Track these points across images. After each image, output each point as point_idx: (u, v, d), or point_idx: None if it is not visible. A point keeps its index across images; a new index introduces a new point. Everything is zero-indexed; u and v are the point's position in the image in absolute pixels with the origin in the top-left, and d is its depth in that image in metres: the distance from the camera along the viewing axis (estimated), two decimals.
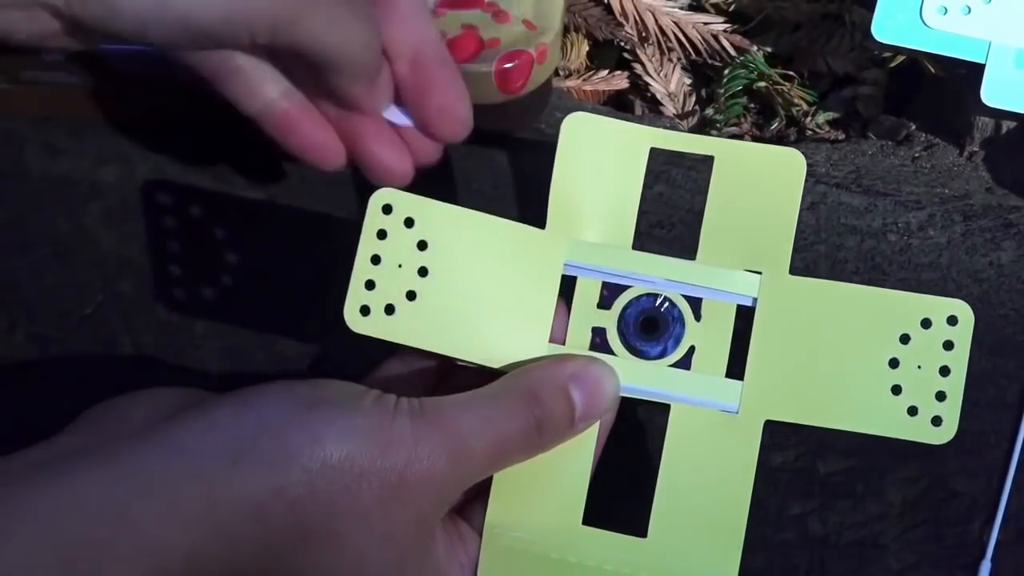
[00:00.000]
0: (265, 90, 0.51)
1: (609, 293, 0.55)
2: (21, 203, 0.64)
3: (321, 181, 0.64)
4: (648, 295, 0.56)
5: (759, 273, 0.55)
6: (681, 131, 0.59)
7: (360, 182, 0.63)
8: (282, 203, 0.64)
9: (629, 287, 0.55)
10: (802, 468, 0.58)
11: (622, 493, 0.56)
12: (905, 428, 0.53)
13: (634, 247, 0.55)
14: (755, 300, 0.55)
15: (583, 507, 0.53)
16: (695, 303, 0.55)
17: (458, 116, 0.52)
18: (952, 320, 0.53)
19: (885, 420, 0.53)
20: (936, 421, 0.53)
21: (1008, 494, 0.58)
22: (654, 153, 0.56)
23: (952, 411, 0.52)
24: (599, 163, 0.55)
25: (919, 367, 0.53)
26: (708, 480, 0.54)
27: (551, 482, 0.53)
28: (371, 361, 0.61)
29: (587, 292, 0.55)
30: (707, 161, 0.64)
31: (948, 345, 0.53)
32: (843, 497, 0.58)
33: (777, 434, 0.59)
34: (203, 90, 0.52)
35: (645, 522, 0.53)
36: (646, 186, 0.56)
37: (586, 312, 0.54)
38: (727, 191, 0.55)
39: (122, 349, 0.62)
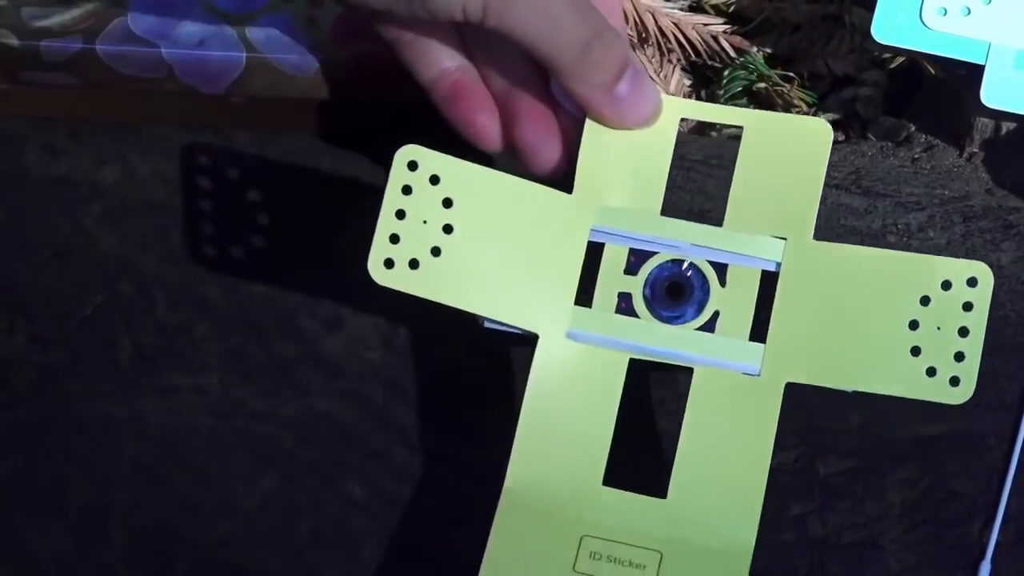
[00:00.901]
0: (441, 60, 0.52)
1: (636, 259, 0.55)
2: (21, 203, 0.64)
3: (324, 182, 0.64)
4: (674, 261, 0.56)
5: (783, 239, 0.55)
6: (710, 104, 0.63)
7: (364, 187, 0.63)
8: (282, 205, 0.64)
9: (656, 253, 0.56)
10: (802, 469, 0.58)
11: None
12: (924, 388, 0.53)
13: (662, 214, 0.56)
14: (779, 265, 0.55)
15: (604, 467, 0.53)
16: (720, 269, 0.55)
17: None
18: (972, 282, 0.53)
19: (904, 381, 0.53)
20: (954, 381, 0.53)
21: (1008, 495, 0.58)
22: None
23: (970, 372, 0.53)
24: (629, 131, 0.56)
25: (938, 328, 0.53)
26: (729, 443, 0.53)
27: (572, 442, 0.53)
28: (371, 362, 0.61)
29: (614, 258, 0.55)
30: (707, 162, 0.65)
31: (968, 307, 0.53)
32: (843, 498, 0.58)
33: (777, 436, 0.58)
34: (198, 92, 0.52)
35: (665, 484, 0.53)
36: None
37: (612, 277, 0.54)
38: (755, 160, 0.56)
39: (122, 349, 0.62)
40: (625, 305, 0.54)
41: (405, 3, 0.48)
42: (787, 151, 0.56)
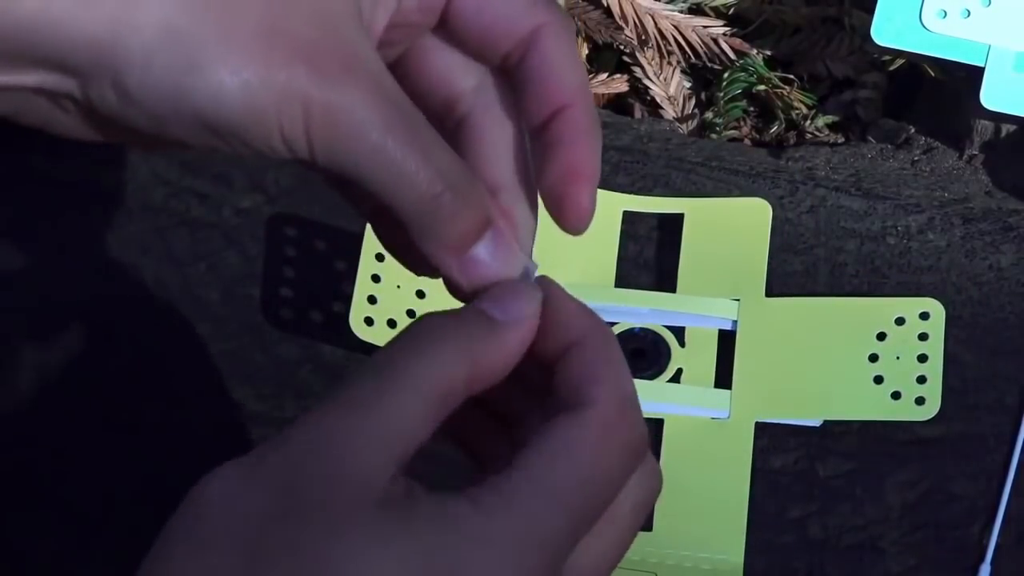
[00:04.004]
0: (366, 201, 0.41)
1: None
2: (22, 204, 0.64)
3: (321, 184, 0.64)
4: (633, 329, 0.59)
5: (736, 300, 0.59)
6: (649, 197, 0.62)
7: None
8: (282, 204, 0.64)
9: (615, 323, 0.59)
10: (802, 471, 0.58)
11: None
12: (890, 410, 0.56)
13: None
14: (735, 323, 0.58)
15: None
16: (678, 332, 0.59)
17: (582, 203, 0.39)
18: (924, 315, 0.57)
19: (871, 407, 0.57)
20: (919, 401, 0.56)
21: (1008, 497, 0.57)
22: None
23: (933, 391, 0.56)
24: None
25: (898, 357, 0.57)
26: (707, 477, 0.56)
27: None
28: None
29: None
30: (707, 164, 0.65)
31: (923, 336, 0.57)
32: (843, 500, 0.58)
33: (776, 437, 0.59)
34: None
35: (650, 522, 0.55)
36: None
37: None
38: (699, 240, 0.60)
39: (122, 350, 0.61)
40: None
41: (226, 144, 0.36)
42: (731, 228, 0.60)
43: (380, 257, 0.57)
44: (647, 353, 0.59)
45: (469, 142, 0.39)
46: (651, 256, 0.62)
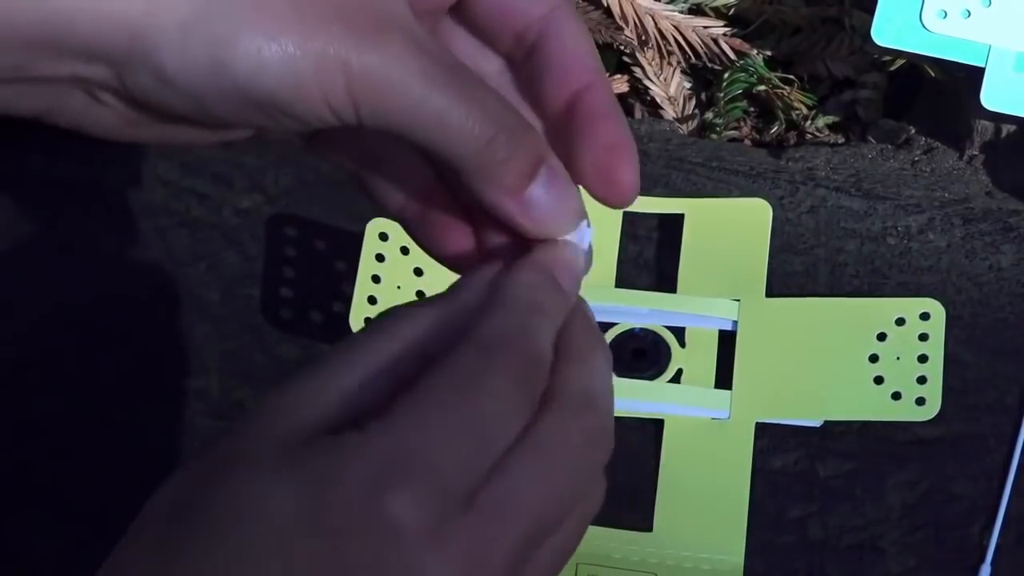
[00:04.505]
0: (406, 185, 0.41)
1: None
2: (22, 204, 0.64)
3: (321, 184, 0.64)
4: (633, 329, 0.59)
5: (736, 300, 0.59)
6: (650, 197, 0.62)
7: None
8: (282, 204, 0.64)
9: (615, 324, 0.59)
10: (802, 471, 0.58)
11: (626, 503, 0.57)
12: (891, 411, 0.56)
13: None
14: (735, 323, 0.58)
15: None
16: (679, 332, 0.59)
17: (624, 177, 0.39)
18: (924, 316, 0.57)
19: (871, 407, 0.57)
20: (920, 401, 0.56)
21: (1008, 497, 0.57)
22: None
23: (934, 391, 0.56)
24: None
25: (898, 358, 0.57)
26: (707, 478, 0.56)
27: None
28: None
29: None
30: (707, 164, 0.65)
31: (923, 337, 0.57)
32: (843, 500, 0.58)
33: (776, 438, 0.59)
34: None
35: (649, 522, 0.55)
36: None
37: None
38: (699, 241, 0.60)
39: (122, 351, 0.61)
40: None
41: (269, 118, 0.36)
42: (731, 228, 0.60)
43: (380, 257, 0.57)
44: (647, 353, 0.59)
45: None
46: (651, 256, 0.62)
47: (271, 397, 0.35)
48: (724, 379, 0.58)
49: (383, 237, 0.57)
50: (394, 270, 0.57)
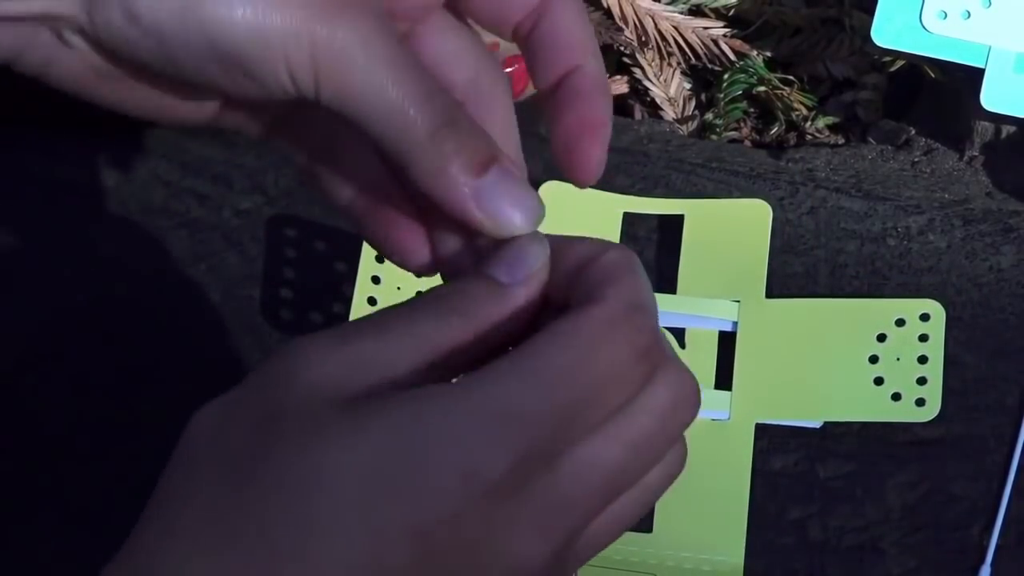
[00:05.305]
0: (357, 179, 0.40)
1: None
2: (21, 205, 0.64)
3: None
4: None
5: (736, 301, 0.59)
6: (650, 198, 0.62)
7: None
8: (282, 205, 0.64)
9: None
10: (802, 472, 0.58)
11: None
12: (891, 412, 0.57)
13: None
14: (735, 324, 0.58)
15: None
16: (679, 333, 0.59)
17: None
18: (924, 317, 0.57)
19: (871, 408, 0.57)
20: (920, 402, 0.57)
21: (1008, 498, 0.57)
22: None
23: (934, 392, 0.57)
24: (577, 228, 0.60)
25: (898, 359, 0.57)
26: (707, 479, 0.56)
27: None
28: None
29: None
30: (707, 165, 0.65)
31: (923, 338, 0.57)
32: (843, 501, 0.58)
33: (776, 438, 0.59)
34: None
35: (650, 523, 0.55)
36: None
37: None
38: (699, 242, 0.60)
39: (122, 350, 0.61)
40: None
41: (230, 79, 0.36)
42: (731, 229, 0.60)
43: (380, 259, 0.57)
44: None
45: None
46: (651, 257, 0.62)
47: (323, 346, 0.34)
48: (724, 380, 0.58)
49: None
50: (394, 271, 0.57)
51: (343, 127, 0.37)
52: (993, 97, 0.60)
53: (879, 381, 0.57)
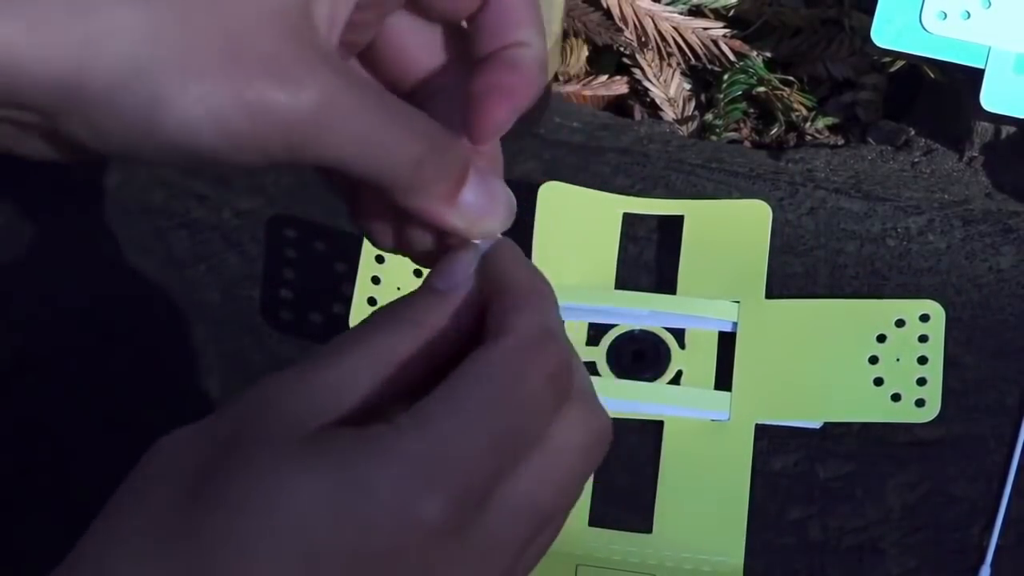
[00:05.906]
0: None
1: (595, 332, 0.59)
2: (21, 206, 0.64)
3: (321, 186, 0.64)
4: (633, 331, 0.59)
5: (736, 302, 0.59)
6: (649, 199, 0.62)
7: None
8: (282, 206, 0.64)
9: (615, 325, 0.59)
10: (802, 473, 0.58)
11: (626, 504, 0.57)
12: (891, 413, 0.57)
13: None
14: (735, 325, 0.58)
15: (587, 509, 0.55)
16: (678, 333, 0.59)
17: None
18: (924, 317, 0.57)
19: (871, 408, 0.57)
20: (919, 403, 0.56)
21: (1008, 499, 0.57)
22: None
23: (934, 393, 0.56)
24: (577, 228, 0.60)
25: (898, 360, 0.57)
26: (707, 479, 0.56)
27: None
28: None
29: (573, 333, 0.58)
30: (707, 166, 0.65)
31: (923, 338, 0.57)
32: (843, 502, 0.58)
33: (776, 439, 0.59)
34: None
35: (649, 523, 0.55)
36: None
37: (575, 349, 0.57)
38: (699, 242, 0.60)
39: (122, 350, 0.61)
40: (590, 372, 0.56)
41: (209, 166, 0.36)
42: (731, 230, 0.60)
43: (380, 259, 0.57)
44: (647, 355, 0.59)
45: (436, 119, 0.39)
46: (651, 258, 0.62)
47: (287, 382, 0.36)
48: (724, 380, 0.58)
49: None
50: (394, 272, 0.57)
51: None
52: (993, 98, 0.60)
53: (879, 382, 0.57)
